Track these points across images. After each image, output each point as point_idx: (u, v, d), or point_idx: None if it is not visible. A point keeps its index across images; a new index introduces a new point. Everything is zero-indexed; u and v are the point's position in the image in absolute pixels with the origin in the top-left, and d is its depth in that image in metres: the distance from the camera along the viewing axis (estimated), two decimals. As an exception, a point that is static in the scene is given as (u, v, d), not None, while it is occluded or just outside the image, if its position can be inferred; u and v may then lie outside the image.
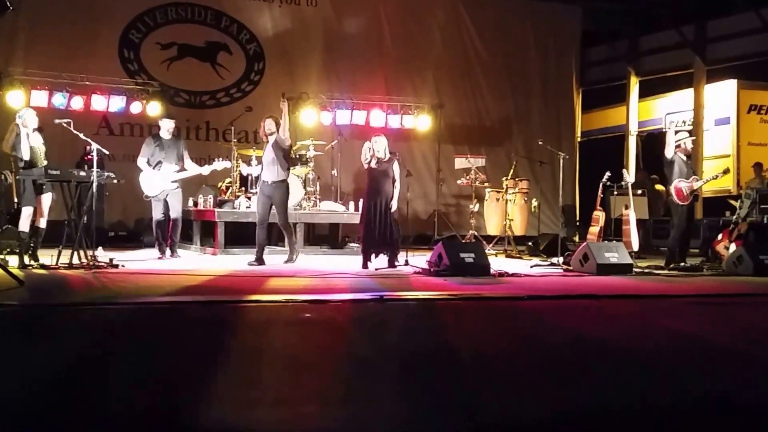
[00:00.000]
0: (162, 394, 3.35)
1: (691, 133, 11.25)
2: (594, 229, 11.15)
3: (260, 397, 3.36)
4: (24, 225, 8.61)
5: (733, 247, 10.31)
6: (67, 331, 4.98)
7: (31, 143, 8.64)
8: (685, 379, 3.86)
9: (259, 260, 9.44)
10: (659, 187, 14.17)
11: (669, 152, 10.12)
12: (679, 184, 10.02)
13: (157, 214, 10.02)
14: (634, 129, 17.40)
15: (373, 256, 9.26)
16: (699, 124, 16.03)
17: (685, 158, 10.22)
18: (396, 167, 9.29)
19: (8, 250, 9.08)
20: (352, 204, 12.31)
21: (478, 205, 12.89)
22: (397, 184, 9.28)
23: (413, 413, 3.14)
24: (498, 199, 12.81)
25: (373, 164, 9.18)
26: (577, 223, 16.11)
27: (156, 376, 3.68)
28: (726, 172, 11.36)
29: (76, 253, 8.42)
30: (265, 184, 9.63)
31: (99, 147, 8.85)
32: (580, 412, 3.23)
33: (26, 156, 8.58)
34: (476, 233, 12.52)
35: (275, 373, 3.87)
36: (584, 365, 4.20)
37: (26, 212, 8.61)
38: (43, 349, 4.30)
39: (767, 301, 7.65)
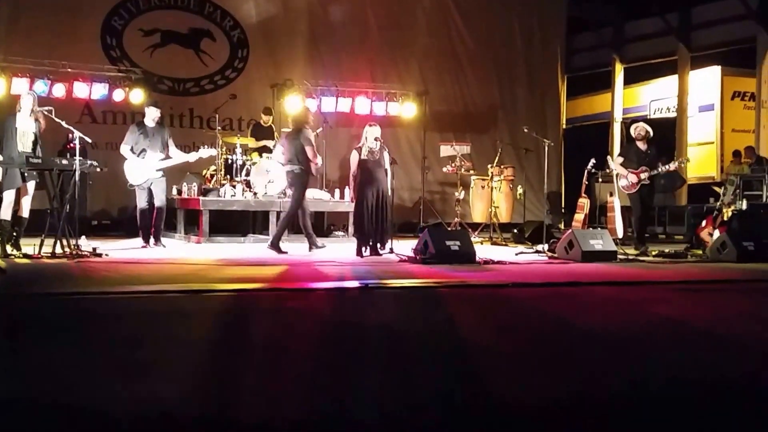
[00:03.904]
0: (147, 384, 3.33)
1: (645, 121, 11.24)
2: (579, 216, 11.17)
3: (245, 385, 3.35)
4: (6, 213, 8.51)
5: (717, 233, 10.37)
6: (48, 320, 4.93)
7: (19, 125, 8.54)
8: (670, 365, 3.88)
9: None
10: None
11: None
12: (628, 176, 10.24)
13: (141, 202, 9.96)
14: (618, 116, 17.46)
15: (366, 245, 9.24)
16: (683, 110, 16.10)
17: (640, 146, 10.28)
18: (386, 156, 9.25)
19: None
20: (337, 192, 12.27)
21: (463, 192, 12.88)
22: (389, 171, 9.25)
23: (398, 400, 3.14)
24: (483, 187, 12.81)
25: (364, 155, 9.12)
26: (563, 210, 16.16)
27: (140, 366, 3.66)
28: (687, 161, 12.11)
29: (59, 242, 8.35)
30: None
31: (82, 135, 8.78)
32: (566, 398, 3.24)
33: None
34: (461, 221, 12.53)
35: (259, 361, 3.85)
36: (570, 352, 4.21)
37: (8, 199, 8.51)
38: (25, 339, 4.26)
39: (751, 288, 7.73)
